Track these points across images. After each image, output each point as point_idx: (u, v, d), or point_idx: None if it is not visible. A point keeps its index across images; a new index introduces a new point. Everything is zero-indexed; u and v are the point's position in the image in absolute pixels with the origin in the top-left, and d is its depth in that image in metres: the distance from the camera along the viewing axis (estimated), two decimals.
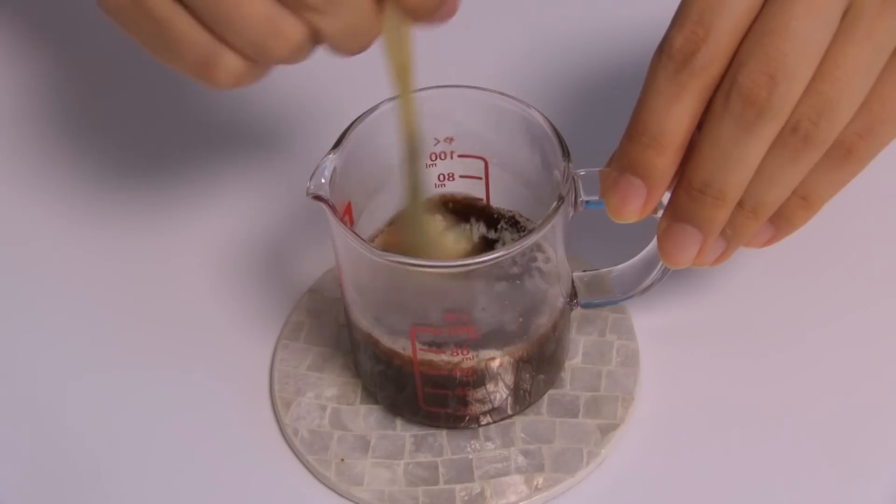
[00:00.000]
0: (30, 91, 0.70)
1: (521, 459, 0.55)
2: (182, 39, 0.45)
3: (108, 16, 0.47)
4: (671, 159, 0.47)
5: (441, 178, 0.56)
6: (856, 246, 0.61)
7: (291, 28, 0.45)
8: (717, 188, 0.47)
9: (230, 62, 0.45)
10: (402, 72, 0.49)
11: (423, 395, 0.54)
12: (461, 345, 0.52)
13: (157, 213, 0.64)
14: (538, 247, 0.51)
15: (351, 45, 0.46)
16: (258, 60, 0.46)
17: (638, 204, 0.48)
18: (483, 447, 0.55)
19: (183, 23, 0.45)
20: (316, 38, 0.46)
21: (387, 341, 0.53)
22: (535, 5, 0.71)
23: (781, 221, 0.50)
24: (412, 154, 0.51)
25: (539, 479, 0.54)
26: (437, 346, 0.52)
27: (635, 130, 0.47)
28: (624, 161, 0.48)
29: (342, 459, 0.55)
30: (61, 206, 0.65)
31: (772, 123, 0.45)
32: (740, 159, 0.46)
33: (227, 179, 0.65)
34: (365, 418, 0.56)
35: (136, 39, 0.47)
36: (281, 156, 0.65)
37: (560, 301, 0.54)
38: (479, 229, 0.56)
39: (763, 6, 0.45)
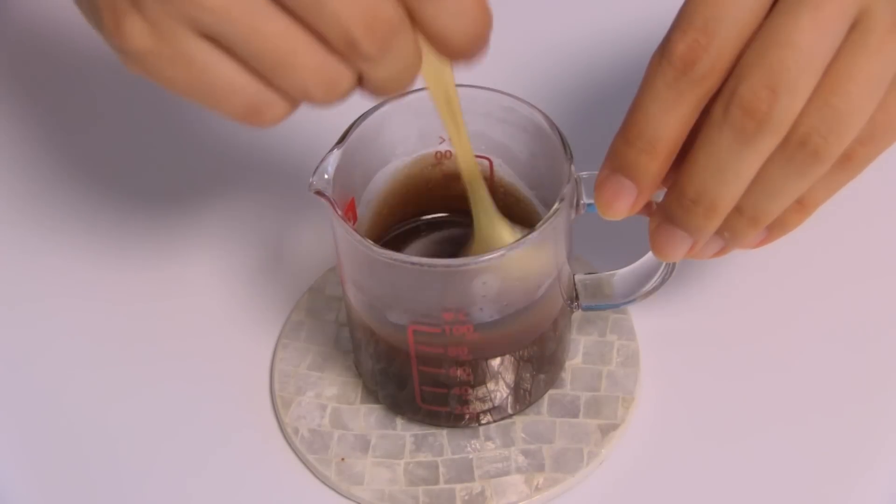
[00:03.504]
0: (30, 90, 0.70)
1: (521, 459, 0.55)
2: (227, 88, 0.43)
3: (129, 64, 0.44)
4: (663, 164, 0.47)
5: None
6: (857, 249, 0.61)
7: (342, 77, 0.43)
8: (710, 199, 0.46)
9: (277, 106, 0.44)
10: (447, 103, 0.49)
11: (420, 393, 0.54)
12: (458, 343, 0.52)
13: (157, 213, 0.64)
14: (539, 246, 0.51)
15: (393, 88, 0.45)
16: (304, 103, 0.45)
17: (627, 203, 0.48)
18: (483, 447, 0.55)
19: (227, 69, 0.43)
20: (360, 82, 0.44)
21: (386, 338, 0.53)
22: (540, 6, 0.71)
23: (775, 224, 0.49)
24: (473, 181, 0.51)
25: (539, 479, 0.54)
26: (434, 344, 0.52)
27: (630, 134, 0.46)
28: (616, 162, 0.47)
29: (342, 459, 0.55)
30: (60, 204, 0.64)
31: (771, 137, 0.44)
32: (736, 172, 0.45)
33: (229, 178, 0.65)
34: (365, 418, 0.56)
35: (170, 86, 0.44)
36: (282, 154, 0.65)
37: (561, 302, 0.54)
38: None
39: (767, 17, 0.44)
